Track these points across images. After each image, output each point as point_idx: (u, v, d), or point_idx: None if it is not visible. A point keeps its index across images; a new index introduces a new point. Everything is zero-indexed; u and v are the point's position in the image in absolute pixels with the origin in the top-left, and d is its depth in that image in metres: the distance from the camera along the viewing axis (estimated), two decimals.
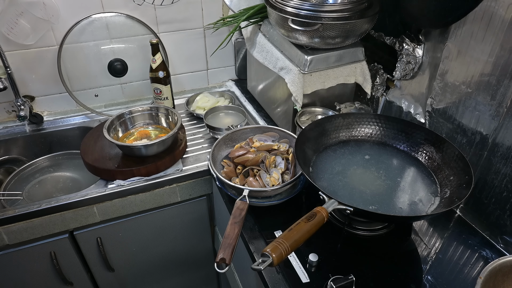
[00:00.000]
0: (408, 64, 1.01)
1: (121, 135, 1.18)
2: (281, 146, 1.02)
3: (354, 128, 1.02)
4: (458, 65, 0.87)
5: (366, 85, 1.14)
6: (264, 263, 0.59)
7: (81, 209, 1.05)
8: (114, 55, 1.35)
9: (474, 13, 0.80)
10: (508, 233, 0.82)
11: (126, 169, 1.07)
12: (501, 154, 0.80)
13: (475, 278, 0.69)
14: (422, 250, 0.85)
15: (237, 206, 0.83)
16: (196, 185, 1.17)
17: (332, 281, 0.71)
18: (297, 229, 0.64)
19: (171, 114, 1.20)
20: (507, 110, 0.77)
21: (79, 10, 1.25)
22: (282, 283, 0.76)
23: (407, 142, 0.97)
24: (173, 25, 1.40)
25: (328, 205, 0.71)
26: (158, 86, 1.32)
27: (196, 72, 1.56)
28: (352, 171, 0.92)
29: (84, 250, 1.15)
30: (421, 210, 0.81)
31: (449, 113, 0.92)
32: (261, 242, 0.85)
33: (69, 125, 1.37)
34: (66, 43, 1.28)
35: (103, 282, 1.27)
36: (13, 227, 1.00)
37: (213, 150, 1.01)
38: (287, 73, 1.10)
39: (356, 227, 0.87)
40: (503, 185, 0.81)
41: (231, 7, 1.30)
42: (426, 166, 0.92)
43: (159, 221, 1.21)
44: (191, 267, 1.42)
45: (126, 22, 1.33)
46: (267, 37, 1.22)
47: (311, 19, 0.95)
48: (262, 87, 1.39)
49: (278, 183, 0.91)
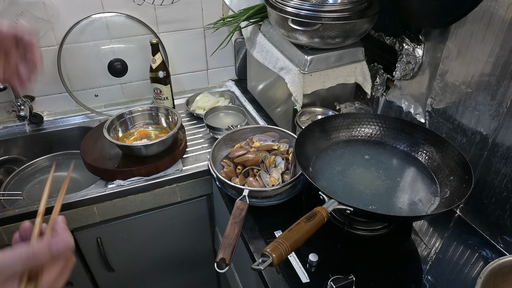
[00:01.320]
0: (408, 64, 1.01)
1: (121, 135, 1.18)
2: (281, 146, 1.02)
3: (354, 128, 1.02)
4: (458, 65, 0.87)
5: (366, 85, 1.14)
6: (264, 263, 0.59)
7: (81, 209, 1.05)
8: (114, 55, 1.35)
9: (474, 13, 0.79)
10: (508, 233, 0.82)
11: (126, 169, 1.07)
12: (501, 154, 0.80)
13: (475, 278, 0.69)
14: (422, 250, 0.85)
15: (237, 206, 0.83)
16: (196, 185, 1.17)
17: (332, 281, 0.71)
18: (297, 229, 0.64)
19: (171, 114, 1.20)
20: (507, 110, 0.77)
21: (79, 10, 1.25)
22: (282, 283, 0.76)
23: (407, 142, 0.97)
24: (173, 25, 1.40)
25: (328, 205, 0.71)
26: (158, 86, 1.32)
27: (196, 72, 1.56)
28: (352, 171, 0.92)
29: (84, 250, 1.15)
30: (421, 210, 0.81)
31: (449, 113, 0.92)
32: (261, 242, 0.85)
33: (69, 125, 1.37)
34: (66, 43, 1.28)
35: (103, 282, 1.27)
36: (13, 227, 1.00)
37: (213, 150, 1.01)
38: (287, 73, 1.10)
39: (356, 227, 0.87)
40: (503, 185, 0.81)
41: (231, 7, 1.30)
42: (426, 166, 0.92)
43: (159, 221, 1.21)
44: (191, 267, 1.42)
45: (126, 22, 1.33)
46: (267, 37, 1.22)
47: (311, 19, 0.95)
48: (262, 87, 1.39)
49: (278, 183, 0.91)
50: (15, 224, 0.99)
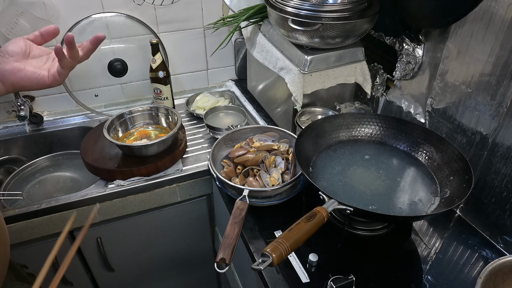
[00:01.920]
0: (408, 64, 1.01)
1: (121, 135, 1.18)
2: (281, 146, 1.02)
3: (354, 128, 1.02)
4: (458, 65, 0.87)
5: (366, 85, 1.14)
6: (264, 263, 0.59)
7: (81, 209, 1.05)
8: (114, 55, 1.35)
9: (474, 13, 0.80)
10: (508, 233, 0.82)
11: (126, 169, 1.07)
12: (501, 154, 0.80)
13: (475, 278, 0.69)
14: (422, 250, 0.85)
15: (237, 206, 0.83)
16: (196, 185, 1.17)
17: (332, 281, 0.71)
18: (297, 229, 0.64)
19: (171, 114, 1.20)
20: (507, 110, 0.77)
21: (79, 10, 1.25)
22: (282, 283, 0.76)
23: (407, 142, 0.97)
24: (173, 25, 1.40)
25: (328, 205, 0.71)
26: (158, 86, 1.32)
27: (196, 72, 1.56)
28: (352, 171, 0.92)
29: (84, 250, 1.15)
30: (421, 210, 0.81)
31: (449, 113, 0.92)
32: (261, 242, 0.85)
33: (69, 125, 1.37)
34: None
35: (103, 282, 1.27)
36: (13, 227, 1.00)
37: (213, 150, 1.01)
38: (287, 73, 1.10)
39: (356, 227, 0.87)
40: (503, 185, 0.81)
41: (231, 7, 1.30)
42: (426, 166, 0.92)
43: (159, 221, 1.21)
44: (191, 267, 1.42)
45: (126, 22, 1.33)
46: (267, 37, 1.22)
47: (311, 19, 0.95)
48: (262, 87, 1.39)
49: (278, 183, 0.91)
50: (15, 224, 0.99)
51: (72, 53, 0.64)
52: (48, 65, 0.69)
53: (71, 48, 0.64)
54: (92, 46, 0.67)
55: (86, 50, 0.68)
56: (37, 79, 0.66)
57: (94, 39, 0.66)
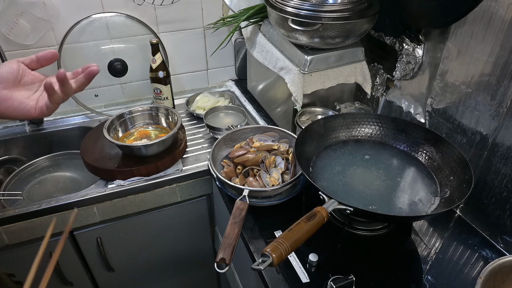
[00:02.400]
0: (408, 64, 1.01)
1: (121, 135, 1.18)
2: (281, 146, 1.02)
3: (354, 128, 1.02)
4: (458, 65, 0.87)
5: (366, 85, 1.14)
6: (264, 263, 0.59)
7: (81, 209, 1.05)
8: (114, 55, 1.35)
9: (474, 13, 0.79)
10: (508, 233, 0.82)
11: (126, 169, 1.07)
12: (501, 154, 0.80)
13: (475, 278, 0.69)
14: (422, 250, 0.85)
15: (237, 206, 0.83)
16: (196, 185, 1.17)
17: (332, 281, 0.71)
18: (297, 229, 0.64)
19: (171, 114, 1.20)
20: (507, 110, 0.77)
21: (79, 10, 1.25)
22: (282, 283, 0.76)
23: (407, 142, 0.97)
24: (173, 25, 1.40)
25: (328, 205, 0.71)
26: (158, 86, 1.32)
27: (196, 72, 1.56)
28: (352, 171, 0.92)
29: (84, 250, 1.15)
30: (421, 210, 0.81)
31: (449, 113, 0.92)
32: (261, 242, 0.85)
33: (69, 125, 1.37)
34: (66, 43, 1.28)
35: (103, 282, 1.27)
36: (13, 227, 1.00)
37: (213, 150, 1.01)
38: (287, 73, 1.10)
39: (356, 227, 0.87)
40: (503, 185, 0.81)
41: (231, 7, 1.30)
42: (426, 166, 0.92)
43: (159, 221, 1.21)
44: (191, 267, 1.42)
45: (126, 22, 1.33)
46: (267, 37, 1.22)
47: (311, 19, 0.95)
48: (262, 87, 1.39)
49: (278, 183, 0.91)
50: (15, 224, 0.99)
51: (65, 90, 0.60)
52: (38, 95, 0.64)
53: (64, 85, 0.59)
54: (86, 80, 0.63)
55: (80, 84, 0.63)
56: (23, 111, 0.61)
57: (88, 73, 0.63)
